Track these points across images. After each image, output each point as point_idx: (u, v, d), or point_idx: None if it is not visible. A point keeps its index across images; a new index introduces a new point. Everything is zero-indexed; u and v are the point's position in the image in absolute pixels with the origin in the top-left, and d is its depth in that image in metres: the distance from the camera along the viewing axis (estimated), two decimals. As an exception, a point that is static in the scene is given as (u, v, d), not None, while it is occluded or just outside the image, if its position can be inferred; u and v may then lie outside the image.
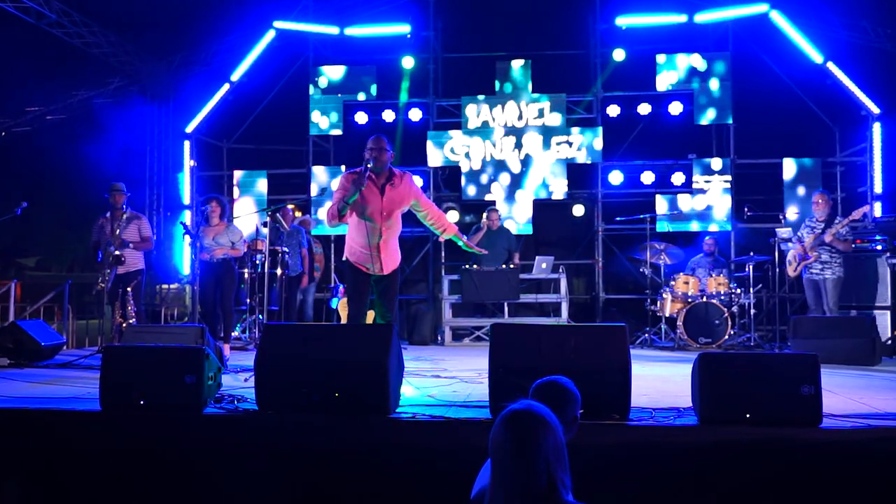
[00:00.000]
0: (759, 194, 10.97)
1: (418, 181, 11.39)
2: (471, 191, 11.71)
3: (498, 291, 9.70)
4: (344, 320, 9.17)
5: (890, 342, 8.36)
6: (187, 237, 8.00)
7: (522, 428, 2.18)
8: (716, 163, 11.34)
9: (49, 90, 11.34)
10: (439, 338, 10.28)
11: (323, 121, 11.99)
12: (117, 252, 7.64)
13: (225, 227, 8.16)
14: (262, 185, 12.08)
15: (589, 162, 11.58)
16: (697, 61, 11.38)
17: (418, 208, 5.46)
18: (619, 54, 11.36)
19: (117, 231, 7.78)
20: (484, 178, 11.68)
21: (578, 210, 11.82)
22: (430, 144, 11.75)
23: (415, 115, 11.84)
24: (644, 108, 11.45)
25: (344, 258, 5.45)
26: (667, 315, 9.46)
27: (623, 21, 11.44)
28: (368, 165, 5.16)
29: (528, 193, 11.58)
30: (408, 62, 11.70)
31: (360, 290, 5.38)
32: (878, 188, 10.95)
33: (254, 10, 11.68)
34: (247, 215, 10.76)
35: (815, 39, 10.99)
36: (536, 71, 11.67)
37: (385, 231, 5.23)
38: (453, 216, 11.72)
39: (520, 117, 11.66)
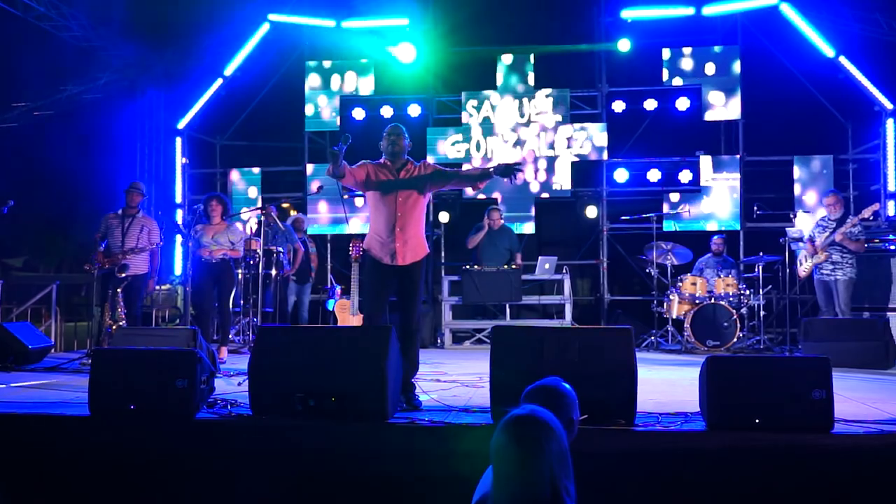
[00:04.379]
0: (769, 192, 10.81)
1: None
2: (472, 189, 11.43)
3: (499, 293, 9.58)
4: (341, 322, 9.03)
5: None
6: (179, 236, 7.86)
7: (525, 434, 2.13)
8: (724, 160, 11.16)
9: (36, 85, 11.16)
10: (439, 340, 10.15)
11: (319, 117, 11.83)
12: (123, 262, 7.62)
13: (225, 227, 8.10)
14: (256, 182, 11.88)
15: (593, 159, 11.42)
16: (705, 55, 11.19)
17: (439, 180, 5.25)
18: (624, 44, 11.08)
19: (127, 233, 7.79)
20: (485, 176, 11.41)
21: (591, 212, 11.54)
22: (429, 141, 11.54)
23: (414, 110, 11.66)
24: (650, 104, 11.26)
25: (362, 250, 5.35)
26: (674, 317, 9.40)
27: (628, 14, 11.22)
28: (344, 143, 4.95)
29: (530, 192, 11.34)
30: (407, 52, 11.40)
31: (377, 284, 5.20)
32: (891, 186, 10.75)
33: (248, 3, 11.53)
34: (243, 213, 10.54)
35: (827, 33, 10.79)
36: (539, 65, 11.49)
37: (400, 218, 5.09)
38: (445, 217, 11.53)
39: (522, 113, 11.47)
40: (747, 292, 9.04)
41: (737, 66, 11.06)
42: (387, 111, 11.63)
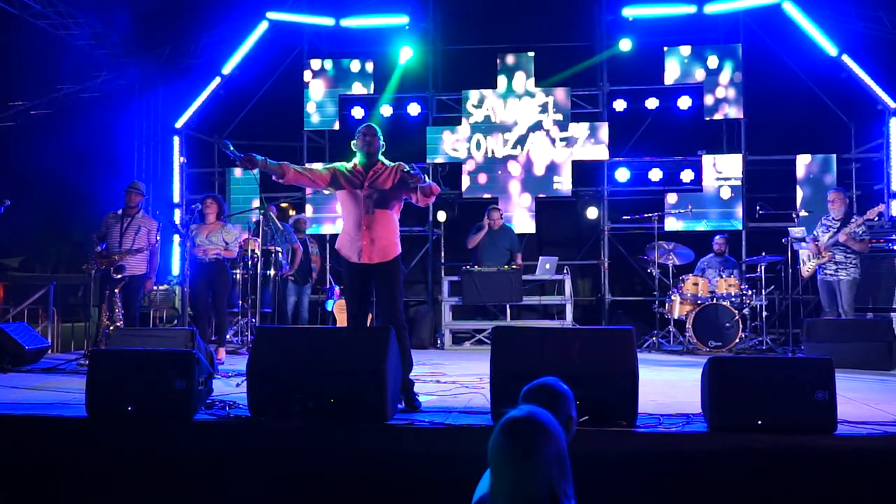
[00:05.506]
0: (772, 192, 10.68)
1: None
2: (472, 188, 11.40)
3: (500, 293, 9.51)
4: (340, 323, 8.96)
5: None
6: (177, 236, 7.81)
7: (523, 436, 2.09)
8: (726, 159, 11.08)
9: (33, 84, 11.14)
10: (438, 341, 10.09)
11: (318, 115, 11.77)
12: (121, 263, 7.57)
13: (220, 227, 8.04)
14: (254, 182, 11.74)
15: (594, 158, 11.33)
16: (707, 54, 11.12)
17: (404, 189, 5.23)
18: (625, 44, 11.04)
19: (125, 233, 7.75)
20: (485, 176, 11.39)
21: (592, 213, 11.46)
22: (429, 140, 11.46)
23: (413, 109, 11.59)
24: (651, 103, 11.19)
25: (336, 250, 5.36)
26: (675, 317, 9.33)
27: (630, 12, 11.16)
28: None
29: (530, 191, 11.27)
30: (406, 54, 11.35)
31: (353, 283, 5.23)
32: (895, 185, 10.66)
33: (246, 1, 11.47)
34: (240, 214, 10.46)
35: (830, 31, 10.70)
36: (540, 64, 11.39)
37: (367, 217, 5.13)
38: (443, 217, 11.51)
39: (523, 112, 11.36)
40: (749, 293, 8.98)
41: (739, 65, 10.97)
42: (386, 110, 11.56)
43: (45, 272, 12.55)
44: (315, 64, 11.79)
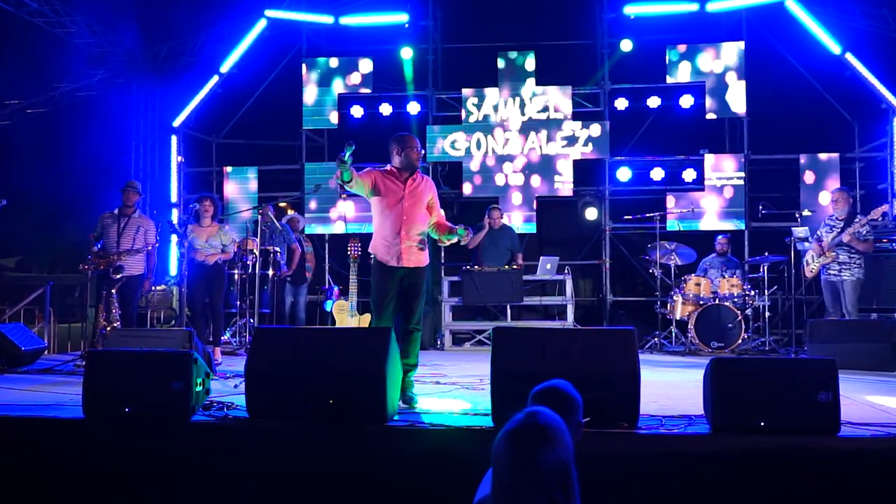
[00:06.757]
0: (774, 191, 10.61)
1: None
2: (472, 188, 11.37)
3: (500, 293, 9.49)
4: (339, 323, 8.89)
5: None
6: (174, 236, 7.80)
7: (525, 446, 2.07)
8: (729, 158, 11.02)
9: (30, 82, 11.15)
10: (438, 342, 10.06)
11: (317, 114, 11.68)
12: (119, 263, 7.54)
13: (217, 229, 8.05)
14: (252, 181, 11.73)
15: (596, 157, 11.26)
16: (709, 52, 11.05)
17: (429, 210, 5.43)
18: (626, 45, 11.00)
19: (122, 233, 7.71)
20: (486, 175, 11.31)
21: (591, 214, 11.38)
22: (429, 139, 11.38)
23: (413, 108, 11.52)
24: (653, 101, 11.13)
25: (368, 254, 5.42)
26: (677, 318, 9.27)
27: (632, 10, 11.10)
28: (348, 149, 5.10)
29: (531, 191, 11.19)
30: (406, 53, 11.29)
31: (385, 286, 5.26)
32: (898, 185, 10.59)
33: (244, -1, 11.37)
34: (237, 213, 10.41)
35: (833, 29, 10.65)
36: (541, 62, 11.33)
37: (406, 222, 5.23)
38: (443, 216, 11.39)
39: (523, 111, 11.32)
40: (752, 293, 8.95)
41: (741, 63, 10.90)
42: (386, 109, 11.49)
43: (41, 272, 12.54)
44: (314, 62, 11.72)
